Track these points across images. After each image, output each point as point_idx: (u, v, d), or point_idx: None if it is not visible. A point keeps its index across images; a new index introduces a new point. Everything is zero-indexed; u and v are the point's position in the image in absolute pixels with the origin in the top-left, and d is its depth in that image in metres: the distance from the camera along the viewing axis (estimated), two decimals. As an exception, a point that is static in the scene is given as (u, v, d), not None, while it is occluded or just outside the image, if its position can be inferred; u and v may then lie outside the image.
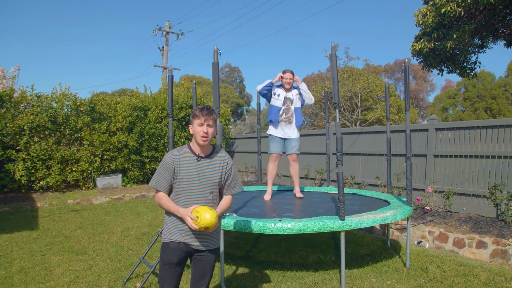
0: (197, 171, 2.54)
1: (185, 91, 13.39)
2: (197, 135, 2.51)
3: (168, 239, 2.52)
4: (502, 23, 7.93)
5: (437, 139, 7.49)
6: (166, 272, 2.51)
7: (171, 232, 2.53)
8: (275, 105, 5.57)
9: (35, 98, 9.91)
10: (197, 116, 2.51)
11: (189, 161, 2.54)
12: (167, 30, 22.54)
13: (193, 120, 2.53)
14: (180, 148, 2.59)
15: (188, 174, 2.52)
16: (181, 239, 2.51)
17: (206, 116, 2.50)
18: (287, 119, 5.58)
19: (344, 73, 20.25)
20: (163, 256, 2.53)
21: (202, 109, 2.52)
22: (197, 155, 2.58)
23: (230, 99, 39.18)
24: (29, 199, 9.36)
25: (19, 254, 5.17)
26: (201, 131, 2.50)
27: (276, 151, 5.58)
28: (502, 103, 32.27)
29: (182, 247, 2.52)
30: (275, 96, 5.62)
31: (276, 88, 5.73)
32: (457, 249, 5.41)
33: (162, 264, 2.52)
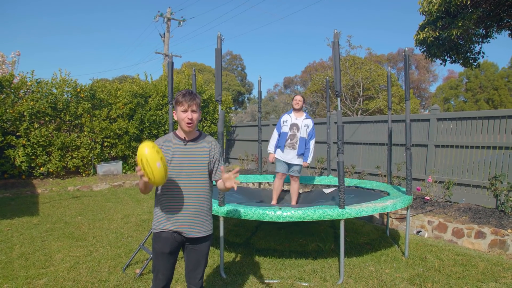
0: (185, 154, 2.49)
1: (186, 78, 13.32)
2: (182, 122, 2.45)
3: (159, 229, 2.48)
4: (508, 12, 7.84)
5: (439, 129, 7.46)
6: (159, 261, 2.49)
7: (160, 221, 2.48)
8: (284, 132, 5.87)
9: (35, 84, 9.86)
10: (180, 102, 2.42)
11: (176, 145, 2.50)
12: (168, 16, 22.34)
13: (176, 107, 2.45)
14: (166, 135, 2.57)
15: (175, 157, 2.46)
16: (172, 228, 2.46)
17: (189, 102, 2.42)
18: (291, 145, 5.82)
19: (346, 62, 20.10)
20: (155, 246, 2.49)
21: (184, 94, 2.44)
22: (183, 139, 2.52)
23: (231, 87, 39.03)
24: (29, 185, 9.38)
25: (20, 239, 5.20)
26: (185, 117, 2.43)
27: (282, 171, 5.89)
28: (504, 94, 32.11)
29: (175, 236, 2.48)
30: (284, 123, 5.91)
31: (285, 115, 5.99)
32: (456, 239, 5.42)
33: (155, 253, 2.50)
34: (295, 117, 5.87)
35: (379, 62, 29.30)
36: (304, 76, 36.93)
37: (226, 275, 3.97)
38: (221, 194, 3.96)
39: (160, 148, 2.33)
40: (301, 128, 5.81)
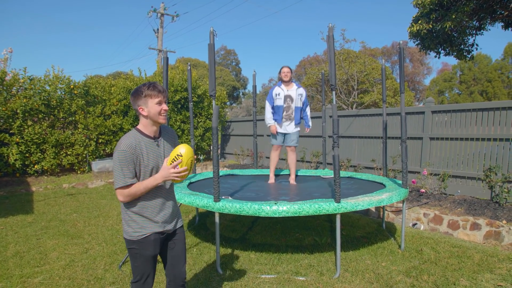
0: (159, 154, 2.41)
1: (180, 73, 13.24)
2: (157, 115, 2.33)
3: (146, 233, 2.36)
4: (501, 4, 7.84)
5: (433, 122, 7.48)
6: (148, 265, 2.41)
7: (145, 226, 2.37)
8: (278, 105, 5.86)
9: (27, 81, 9.76)
10: (153, 95, 2.30)
11: (148, 147, 2.36)
12: (162, 12, 22.19)
13: (146, 100, 2.30)
14: (131, 134, 2.33)
15: (151, 160, 2.36)
16: (158, 229, 2.41)
17: (163, 93, 2.35)
18: (288, 116, 5.87)
19: (341, 56, 20.07)
20: (143, 252, 2.36)
21: (154, 86, 2.32)
22: (153, 137, 2.40)
23: (226, 82, 38.93)
24: (24, 183, 9.32)
25: (14, 238, 5.16)
26: (161, 109, 2.33)
27: (277, 143, 5.95)
28: (498, 86, 32.24)
29: (161, 237, 2.44)
30: (277, 96, 5.88)
31: (276, 88, 5.95)
32: (451, 231, 5.45)
33: (143, 259, 2.38)
34: (286, 89, 5.86)
35: (374, 55, 29.32)
36: (299, 70, 36.88)
37: (223, 271, 3.96)
38: (216, 190, 3.95)
39: (134, 151, 2.26)
40: (295, 98, 5.84)
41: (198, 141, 12.95)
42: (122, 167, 2.23)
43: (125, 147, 2.24)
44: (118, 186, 2.24)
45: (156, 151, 2.39)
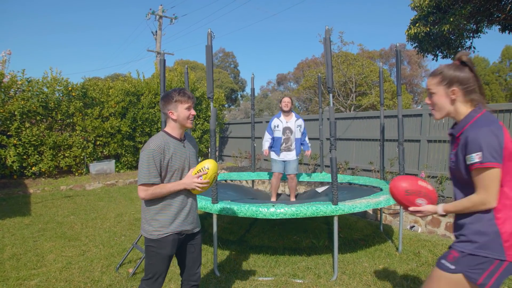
0: (185, 155, 2.54)
1: (178, 76, 13.25)
2: (185, 119, 2.48)
3: (166, 233, 2.44)
4: (497, 7, 7.87)
5: (431, 124, 7.48)
6: (163, 265, 2.47)
7: (165, 225, 2.44)
8: (277, 137, 5.91)
9: (25, 83, 9.75)
10: (183, 101, 2.46)
11: (176, 147, 2.49)
12: (160, 14, 22.20)
13: (176, 105, 2.45)
14: (160, 136, 2.46)
15: (178, 162, 2.48)
16: (177, 229, 2.47)
17: (192, 99, 2.51)
18: (287, 148, 5.92)
19: (339, 58, 20.13)
20: (160, 251, 2.44)
21: (184, 93, 2.48)
22: (179, 139, 2.53)
23: (224, 84, 38.94)
24: (21, 185, 9.29)
25: (11, 240, 5.14)
26: (190, 114, 2.49)
27: (278, 170, 5.98)
28: (495, 89, 32.36)
29: (179, 237, 2.51)
30: (276, 128, 5.93)
31: (275, 120, 5.99)
32: (449, 233, 5.45)
33: (160, 258, 2.44)
34: (285, 120, 5.91)
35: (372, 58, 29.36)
36: (297, 73, 36.95)
37: (220, 273, 3.96)
38: (214, 191, 3.95)
39: (162, 152, 2.39)
40: (294, 130, 5.89)
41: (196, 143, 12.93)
42: (149, 165, 2.35)
43: (154, 146, 2.37)
44: (141, 183, 2.35)
45: (183, 152, 2.53)
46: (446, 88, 1.87)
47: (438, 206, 1.94)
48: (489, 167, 1.69)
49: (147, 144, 2.40)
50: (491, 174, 1.70)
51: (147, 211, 2.47)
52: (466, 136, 1.76)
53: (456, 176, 1.90)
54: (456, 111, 1.88)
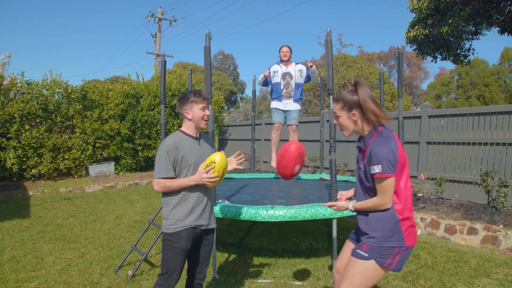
0: (200, 152, 2.63)
1: (177, 78, 13.27)
2: (200, 119, 2.60)
3: (181, 227, 2.52)
4: (496, 9, 7.89)
5: (430, 126, 7.50)
6: (178, 260, 2.52)
7: (181, 219, 2.52)
8: (276, 82, 5.80)
9: (25, 85, 9.76)
10: (198, 101, 2.57)
11: (191, 145, 2.59)
12: (159, 16, 22.24)
13: (192, 105, 2.57)
14: (175, 134, 2.59)
15: (193, 158, 2.57)
16: (193, 223, 2.55)
17: (207, 100, 2.63)
18: (288, 93, 5.82)
19: (338, 60, 20.14)
20: (176, 245, 2.51)
21: (199, 94, 2.60)
22: (195, 138, 2.64)
23: (223, 87, 38.96)
24: (21, 187, 9.29)
25: (10, 242, 5.14)
26: (204, 114, 2.60)
27: (278, 121, 5.86)
28: (495, 91, 32.38)
29: (195, 231, 2.57)
30: (275, 73, 5.83)
31: (274, 65, 5.90)
32: (448, 235, 5.45)
33: (175, 253, 2.51)
34: (285, 66, 5.82)
35: (371, 60, 29.41)
36: (297, 75, 36.92)
37: (219, 276, 3.95)
38: (213, 193, 3.94)
39: (176, 148, 2.50)
40: (294, 75, 5.78)
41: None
42: (164, 161, 2.47)
43: (170, 143, 2.50)
44: (157, 177, 2.48)
45: (198, 149, 2.63)
46: (347, 112, 2.24)
47: (349, 203, 2.35)
48: (387, 177, 2.09)
49: (162, 142, 2.55)
50: (388, 182, 2.11)
51: (165, 206, 2.58)
52: (370, 151, 2.14)
53: (363, 182, 2.26)
54: (359, 129, 2.26)
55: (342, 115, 2.27)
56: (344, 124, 2.29)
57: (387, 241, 2.16)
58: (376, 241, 2.17)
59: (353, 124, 2.26)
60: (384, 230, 2.17)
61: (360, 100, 2.18)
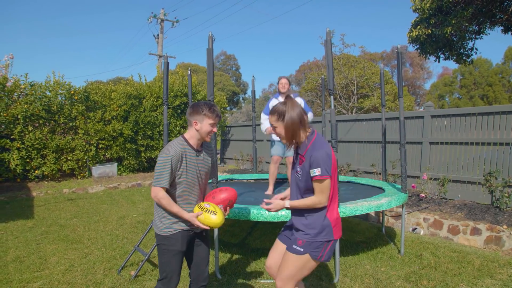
0: (198, 164, 2.62)
1: (180, 79, 13.29)
2: (206, 134, 2.59)
3: (175, 230, 2.54)
4: (500, 8, 7.85)
5: (433, 126, 7.48)
6: (175, 262, 2.55)
7: (175, 222, 2.54)
8: None
9: (28, 86, 9.80)
10: (210, 117, 2.56)
11: (191, 157, 2.58)
12: (162, 17, 22.29)
13: (203, 118, 2.55)
14: (180, 142, 2.56)
15: (192, 170, 2.57)
16: (186, 227, 2.57)
17: (218, 118, 2.62)
18: None
19: (340, 60, 20.13)
20: (171, 248, 2.53)
21: (214, 110, 2.58)
22: (195, 149, 2.62)
23: (226, 87, 39.00)
24: (24, 188, 9.33)
25: (14, 243, 5.16)
26: (211, 130, 2.60)
27: (277, 154, 5.75)
28: (499, 90, 32.26)
29: (189, 233, 2.60)
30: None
31: (273, 100, 5.80)
32: (451, 235, 5.44)
33: (171, 255, 2.53)
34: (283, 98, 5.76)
35: (373, 60, 29.38)
36: (299, 75, 36.97)
37: (222, 276, 3.96)
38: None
39: (180, 159, 2.49)
40: None
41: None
42: (165, 169, 2.45)
43: (175, 152, 2.47)
44: (158, 185, 2.46)
45: (196, 162, 2.61)
46: (282, 122, 2.44)
47: (285, 202, 2.48)
48: (325, 179, 2.34)
49: (167, 148, 2.50)
50: (326, 183, 2.37)
51: (159, 209, 2.57)
52: (311, 156, 2.36)
53: (298, 184, 2.48)
54: (298, 135, 2.45)
55: (279, 126, 2.47)
56: (282, 134, 2.48)
57: (319, 236, 2.41)
58: (310, 237, 2.41)
59: None
60: (317, 227, 2.42)
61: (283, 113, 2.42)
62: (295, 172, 2.50)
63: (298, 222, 2.49)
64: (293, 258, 2.43)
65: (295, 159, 2.56)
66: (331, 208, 2.47)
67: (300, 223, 2.47)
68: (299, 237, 2.45)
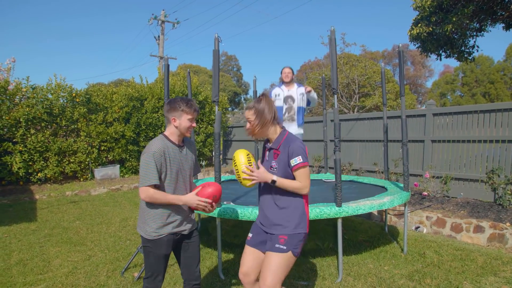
0: (181, 160, 2.62)
1: (181, 80, 13.30)
2: (186, 129, 2.59)
3: (160, 234, 2.53)
4: (501, 5, 7.83)
5: (435, 124, 7.46)
6: (160, 264, 2.58)
7: (162, 227, 2.53)
8: (278, 106, 5.64)
9: (30, 89, 9.82)
10: (188, 112, 2.57)
11: (174, 153, 2.58)
12: (162, 19, 22.30)
13: (181, 114, 2.56)
14: (160, 139, 2.56)
15: (176, 166, 2.57)
16: (173, 231, 2.58)
17: (196, 112, 2.62)
18: (290, 117, 5.70)
19: (341, 60, 20.10)
20: (155, 251, 2.54)
21: (191, 104, 2.58)
22: (177, 145, 2.62)
23: (227, 88, 39.02)
24: (27, 191, 9.35)
25: (18, 246, 5.17)
26: (190, 125, 2.60)
27: None
28: (500, 88, 32.16)
29: (174, 237, 2.61)
30: (277, 97, 5.70)
31: (276, 89, 5.81)
32: (454, 234, 5.42)
33: (155, 258, 2.55)
34: (287, 89, 5.71)
35: (374, 59, 29.34)
36: (300, 75, 36.92)
37: (225, 276, 3.96)
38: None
39: (163, 154, 2.48)
40: (296, 98, 5.68)
41: (200, 147, 12.98)
42: (149, 167, 2.43)
43: (155, 149, 2.46)
44: (143, 185, 2.44)
45: (180, 157, 2.61)
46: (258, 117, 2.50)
47: (273, 175, 2.46)
48: (306, 165, 2.45)
49: (148, 147, 2.49)
50: (307, 169, 2.47)
51: (145, 212, 2.56)
52: (289, 146, 2.46)
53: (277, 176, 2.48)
54: (271, 131, 2.57)
55: (253, 120, 2.54)
56: (255, 128, 2.54)
57: (298, 228, 2.49)
58: (290, 229, 2.47)
59: None
60: (295, 218, 2.49)
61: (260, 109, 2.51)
62: (269, 168, 2.55)
63: (276, 216, 2.53)
64: (278, 259, 2.44)
65: (267, 157, 2.64)
66: (306, 201, 2.57)
67: (278, 217, 2.52)
68: (279, 233, 2.48)
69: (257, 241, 2.65)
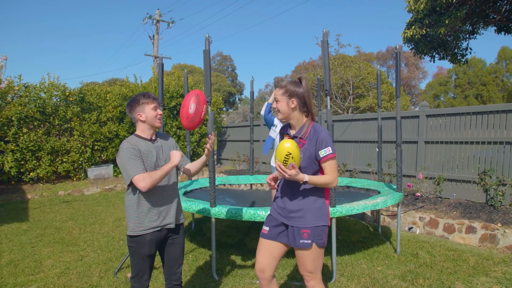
0: (157, 153, 2.60)
1: (176, 80, 13.26)
2: (154, 119, 2.58)
3: (143, 232, 2.49)
4: (493, 8, 7.91)
5: (428, 126, 7.51)
6: (144, 264, 2.55)
7: (143, 222, 2.50)
8: (271, 136, 5.21)
9: (22, 88, 9.74)
10: (149, 102, 2.57)
11: (147, 145, 2.56)
12: (157, 18, 22.23)
13: (143, 107, 2.55)
14: (130, 138, 2.55)
15: (152, 157, 2.54)
16: (157, 225, 2.53)
17: (156, 100, 2.62)
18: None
19: (336, 61, 20.16)
20: (139, 250, 2.51)
21: (149, 95, 2.59)
22: (150, 139, 2.61)
23: (222, 88, 38.98)
24: (19, 190, 9.27)
25: (9, 246, 5.13)
26: (157, 114, 2.59)
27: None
28: (492, 90, 32.42)
29: (158, 235, 2.56)
30: (273, 127, 5.23)
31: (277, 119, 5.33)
32: (447, 234, 5.46)
33: (139, 257, 2.52)
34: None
35: (369, 60, 29.47)
36: (295, 76, 37.00)
37: (218, 277, 3.95)
38: (212, 195, 3.95)
39: (135, 147, 2.47)
40: None
41: (194, 147, 12.95)
42: (131, 160, 2.41)
43: (127, 145, 2.46)
44: (136, 173, 2.38)
45: (153, 149, 2.58)
46: (287, 98, 2.45)
47: (305, 175, 2.30)
48: (335, 157, 2.38)
49: (120, 147, 2.49)
50: (335, 161, 2.39)
51: (128, 209, 2.54)
52: (317, 137, 2.38)
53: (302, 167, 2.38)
54: (294, 117, 2.49)
55: (282, 100, 2.47)
56: (282, 109, 2.48)
57: (319, 220, 2.40)
58: (311, 222, 2.39)
59: (290, 110, 2.47)
60: (316, 210, 2.41)
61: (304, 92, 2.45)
62: None
63: (296, 206, 2.44)
64: (307, 254, 2.40)
65: None
66: (327, 192, 2.50)
67: (298, 208, 2.43)
68: (300, 225, 2.40)
69: (275, 233, 2.55)
